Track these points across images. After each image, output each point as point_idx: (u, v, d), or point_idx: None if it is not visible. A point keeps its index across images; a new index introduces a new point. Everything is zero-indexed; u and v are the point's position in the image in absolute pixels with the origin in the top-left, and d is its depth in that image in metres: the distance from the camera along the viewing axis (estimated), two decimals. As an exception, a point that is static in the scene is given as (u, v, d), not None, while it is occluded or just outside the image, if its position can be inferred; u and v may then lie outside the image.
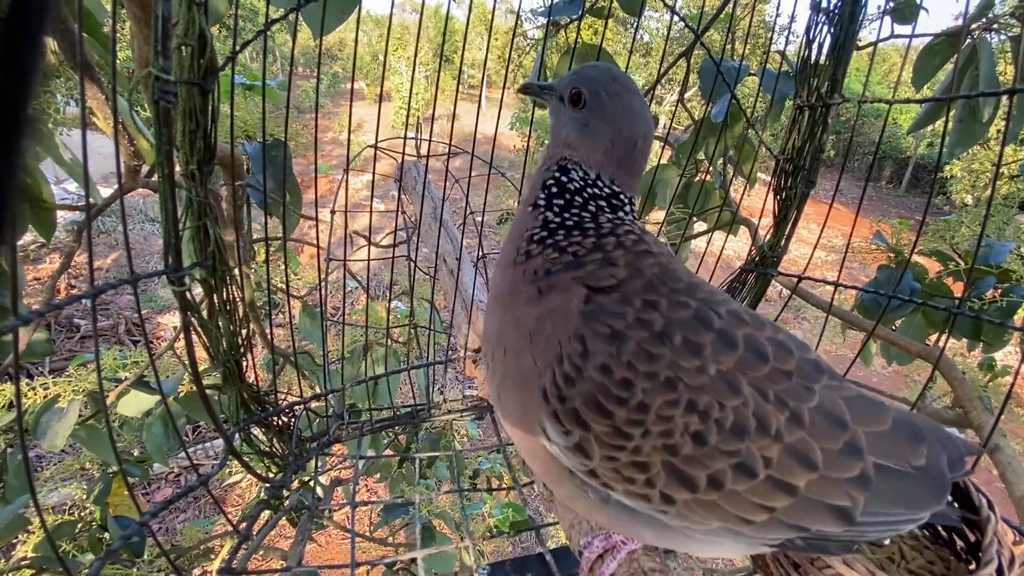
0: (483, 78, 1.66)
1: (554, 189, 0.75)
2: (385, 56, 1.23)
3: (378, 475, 2.43)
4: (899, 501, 0.66)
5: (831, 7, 1.07)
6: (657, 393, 0.62)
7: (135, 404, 1.46)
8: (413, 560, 1.15)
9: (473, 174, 1.67)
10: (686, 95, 2.30)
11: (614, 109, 0.73)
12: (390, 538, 2.44)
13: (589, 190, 0.74)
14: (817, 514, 0.64)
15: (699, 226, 2.22)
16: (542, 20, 1.58)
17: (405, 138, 1.74)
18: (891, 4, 1.47)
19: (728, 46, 1.71)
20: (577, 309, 0.67)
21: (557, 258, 0.71)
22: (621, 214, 0.75)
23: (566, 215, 0.74)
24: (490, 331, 0.77)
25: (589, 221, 0.73)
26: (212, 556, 1.94)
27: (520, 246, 0.75)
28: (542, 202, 0.76)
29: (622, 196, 0.76)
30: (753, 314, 0.70)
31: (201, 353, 0.99)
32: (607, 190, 0.75)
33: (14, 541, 1.54)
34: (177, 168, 0.83)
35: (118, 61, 0.83)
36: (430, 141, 1.53)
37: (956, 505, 0.82)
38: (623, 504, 0.69)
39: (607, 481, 0.67)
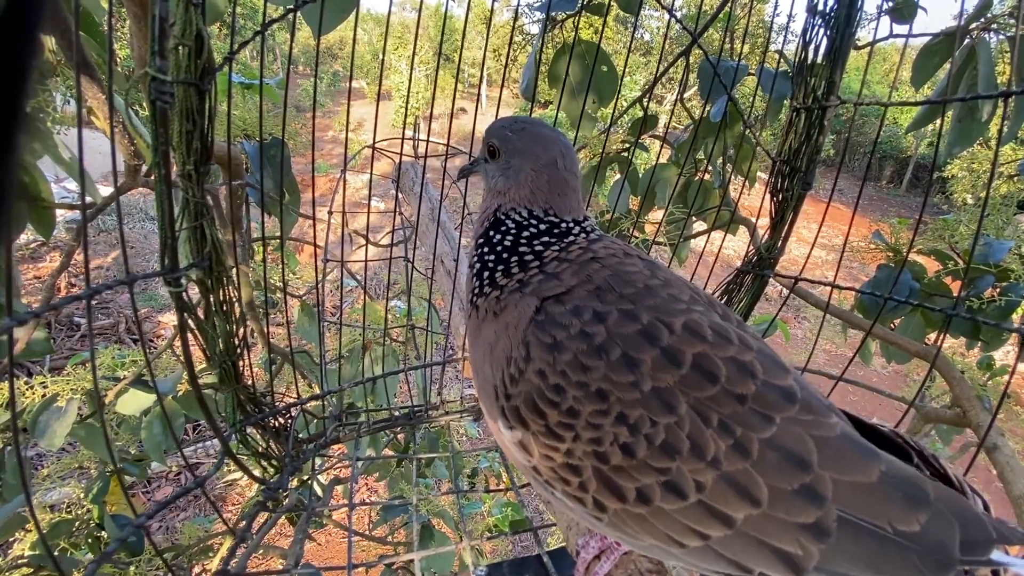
0: (482, 76, 1.66)
1: (486, 248, 0.81)
2: (383, 55, 1.23)
3: (377, 474, 2.43)
4: (871, 567, 0.59)
5: (827, 9, 1.07)
6: (587, 401, 0.64)
7: (133, 403, 1.46)
8: (412, 560, 1.16)
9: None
10: (686, 94, 2.30)
11: (524, 142, 0.80)
12: (389, 537, 2.44)
13: (525, 233, 0.79)
14: (759, 555, 0.61)
15: (699, 225, 2.21)
16: (539, 15, 1.58)
17: (403, 138, 1.74)
18: (889, 4, 1.46)
19: (727, 45, 1.71)
20: (529, 317, 0.71)
21: (505, 285, 0.77)
22: (570, 238, 0.79)
23: (504, 265, 0.79)
24: (472, 363, 0.83)
25: (530, 256, 0.77)
26: (211, 554, 1.94)
27: (471, 298, 0.82)
28: (477, 263, 0.82)
29: (563, 224, 0.80)
30: (721, 327, 0.67)
31: (199, 353, 0.99)
32: (544, 224, 0.79)
33: (11, 539, 1.55)
34: (174, 168, 0.83)
35: (119, 59, 0.83)
36: (428, 141, 1.53)
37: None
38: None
39: (548, 479, 0.70)
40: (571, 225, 0.80)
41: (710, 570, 0.65)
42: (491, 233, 0.82)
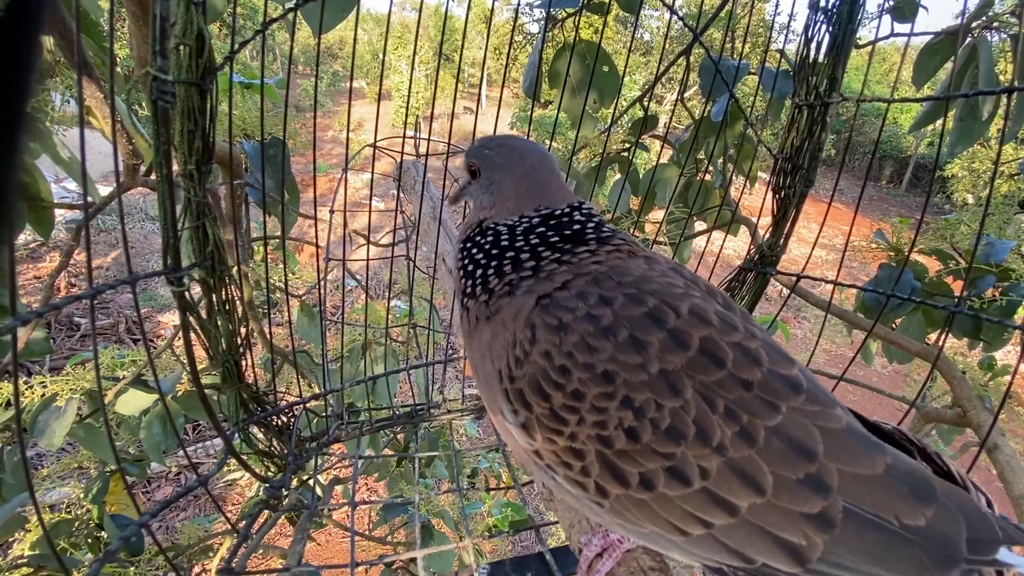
0: (482, 76, 1.66)
1: (475, 250, 0.82)
2: (384, 55, 1.23)
3: (376, 474, 2.43)
4: (875, 560, 0.58)
5: (829, 6, 1.07)
6: (593, 383, 0.63)
7: (133, 403, 1.46)
8: (413, 559, 1.15)
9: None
10: (686, 94, 2.30)
11: (501, 157, 0.84)
12: (389, 536, 2.44)
13: (520, 228, 0.80)
14: (763, 544, 0.60)
15: (700, 225, 2.21)
16: (540, 13, 1.58)
17: (404, 137, 1.74)
18: (891, 2, 1.46)
19: (728, 44, 1.71)
20: (531, 306, 0.71)
21: (494, 289, 0.77)
22: (575, 227, 0.78)
23: (497, 261, 0.78)
24: (472, 364, 0.83)
25: (526, 254, 0.77)
26: (211, 554, 1.94)
27: (461, 299, 0.82)
28: (467, 262, 0.82)
29: (557, 212, 0.80)
30: (725, 315, 0.68)
31: (200, 352, 0.99)
32: (537, 217, 0.80)
33: (11, 539, 1.55)
34: (175, 168, 0.83)
35: (119, 59, 0.83)
36: (428, 140, 1.53)
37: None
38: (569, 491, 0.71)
39: (550, 463, 0.70)
40: (568, 211, 0.80)
41: (712, 560, 0.64)
42: (478, 238, 0.83)
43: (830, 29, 1.08)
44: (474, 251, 0.82)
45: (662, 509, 0.63)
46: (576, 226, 0.79)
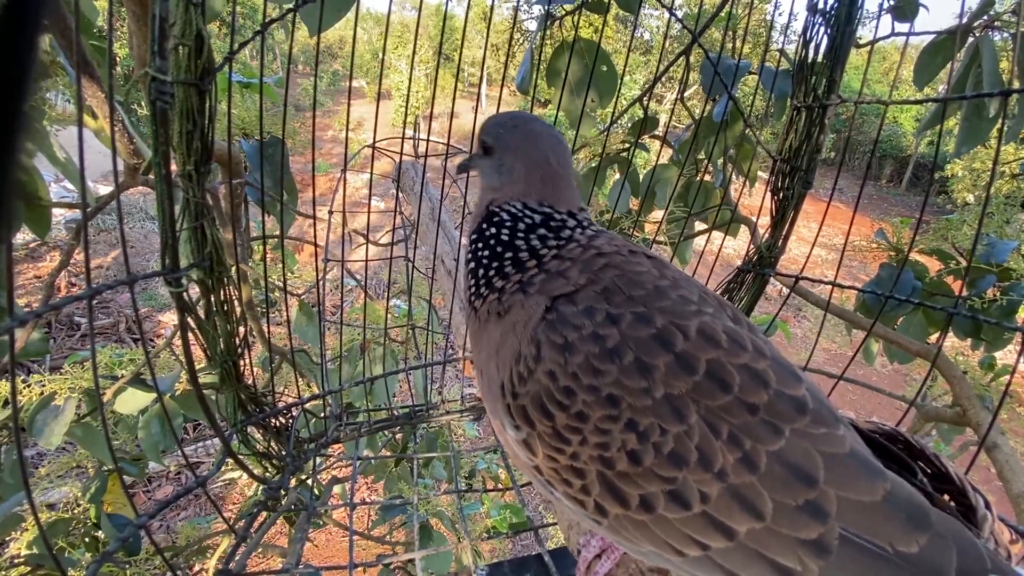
0: (482, 76, 1.66)
1: (480, 244, 0.81)
2: (383, 54, 1.22)
3: (374, 476, 2.42)
4: None
5: (827, 8, 1.07)
6: (597, 406, 0.63)
7: (131, 402, 1.46)
8: (411, 560, 1.15)
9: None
10: (686, 93, 2.29)
11: (516, 140, 0.81)
12: (388, 536, 2.44)
13: (521, 224, 0.79)
14: (759, 568, 0.60)
15: (700, 225, 2.21)
16: (539, 10, 1.57)
17: (403, 137, 1.73)
18: (891, 2, 1.46)
19: (728, 44, 1.70)
20: (540, 315, 0.70)
21: (503, 288, 0.76)
22: (566, 232, 0.78)
23: (499, 261, 0.78)
24: (476, 364, 0.83)
25: (526, 255, 0.77)
26: (210, 554, 1.94)
27: (469, 299, 0.82)
28: (471, 261, 0.82)
29: (556, 215, 0.79)
30: (735, 332, 0.67)
31: (199, 353, 0.99)
32: (539, 215, 0.79)
33: (8, 538, 1.54)
34: (174, 168, 0.83)
35: (119, 59, 0.82)
36: (428, 140, 1.53)
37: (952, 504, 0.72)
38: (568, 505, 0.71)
39: (550, 479, 0.70)
40: (566, 218, 0.79)
41: None
42: (484, 227, 0.81)
43: (828, 31, 1.08)
44: (480, 246, 0.81)
45: (660, 530, 0.63)
46: (566, 231, 0.79)
